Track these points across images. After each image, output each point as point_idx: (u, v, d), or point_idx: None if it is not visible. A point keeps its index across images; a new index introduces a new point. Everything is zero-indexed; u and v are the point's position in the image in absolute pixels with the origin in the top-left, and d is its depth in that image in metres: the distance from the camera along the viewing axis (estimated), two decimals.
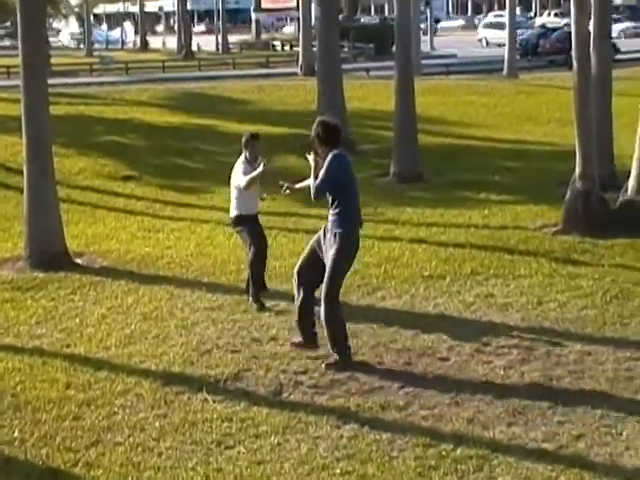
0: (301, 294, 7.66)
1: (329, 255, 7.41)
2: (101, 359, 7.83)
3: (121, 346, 8.11)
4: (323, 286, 7.40)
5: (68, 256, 11.05)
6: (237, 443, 6.23)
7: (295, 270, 7.73)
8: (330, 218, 7.46)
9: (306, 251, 7.76)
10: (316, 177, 7.50)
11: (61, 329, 8.66)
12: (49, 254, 10.85)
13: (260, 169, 9.00)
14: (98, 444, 6.26)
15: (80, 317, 8.98)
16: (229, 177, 9.43)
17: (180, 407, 6.80)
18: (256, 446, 6.18)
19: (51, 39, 59.07)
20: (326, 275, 7.37)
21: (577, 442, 6.12)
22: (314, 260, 7.57)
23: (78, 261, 11.06)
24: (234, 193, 9.34)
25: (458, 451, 6.00)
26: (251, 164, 9.21)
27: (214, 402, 6.85)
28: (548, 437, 6.19)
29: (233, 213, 9.41)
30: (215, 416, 6.61)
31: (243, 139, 9.44)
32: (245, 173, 9.14)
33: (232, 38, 61.04)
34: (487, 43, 55.14)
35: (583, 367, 7.36)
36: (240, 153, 9.44)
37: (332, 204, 7.46)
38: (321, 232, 7.62)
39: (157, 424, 6.53)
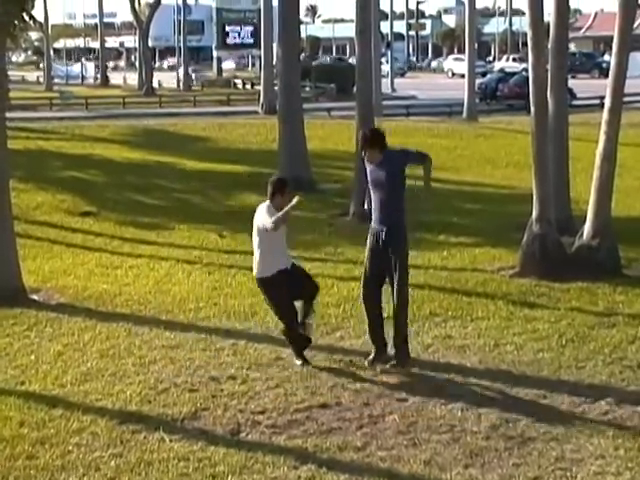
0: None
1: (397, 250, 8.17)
2: (56, 397, 7.76)
3: (77, 384, 8.04)
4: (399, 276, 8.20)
5: (24, 292, 10.96)
6: None
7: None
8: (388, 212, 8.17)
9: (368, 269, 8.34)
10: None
11: (15, 366, 8.57)
12: (5, 290, 10.75)
13: (295, 201, 8.07)
14: None
15: (35, 354, 8.90)
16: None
17: (136, 446, 6.76)
18: None
19: (10, 73, 58.83)
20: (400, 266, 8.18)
21: None
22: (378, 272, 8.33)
23: (35, 297, 10.97)
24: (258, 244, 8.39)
25: None
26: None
27: (171, 441, 6.81)
28: (504, 479, 6.24)
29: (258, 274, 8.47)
30: (172, 455, 6.58)
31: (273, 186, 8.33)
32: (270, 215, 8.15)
33: (194, 75, 61.26)
34: (453, 74, 58.62)
35: (539, 410, 7.44)
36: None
37: (392, 197, 8.15)
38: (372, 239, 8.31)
39: (113, 463, 6.48)
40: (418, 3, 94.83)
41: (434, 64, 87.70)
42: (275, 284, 8.32)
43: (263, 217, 8.19)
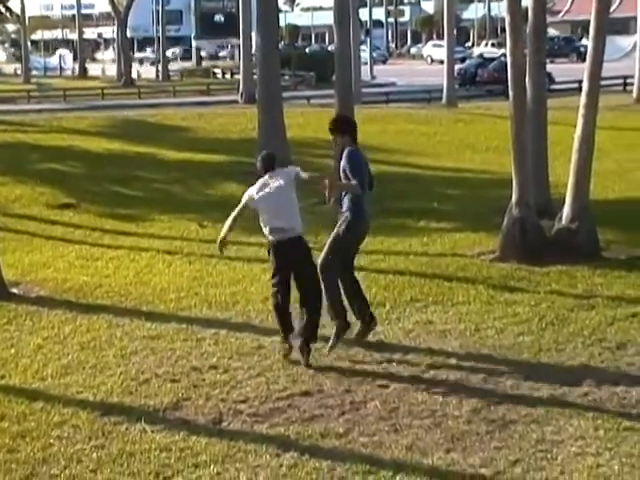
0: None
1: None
2: (37, 390, 7.72)
3: (57, 376, 8.01)
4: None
5: (4, 285, 10.89)
6: (176, 473, 6.20)
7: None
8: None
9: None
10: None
11: None
12: None
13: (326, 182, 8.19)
14: (33, 477, 6.17)
15: (15, 347, 8.85)
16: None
17: (118, 438, 6.74)
18: (195, 476, 6.15)
19: None
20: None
21: (514, 467, 6.20)
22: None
23: (14, 290, 10.90)
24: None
25: (397, 478, 6.04)
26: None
27: (153, 432, 6.80)
28: (485, 463, 6.27)
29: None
30: (154, 446, 6.57)
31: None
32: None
33: (173, 66, 61.00)
34: (432, 60, 59.78)
35: (520, 393, 7.47)
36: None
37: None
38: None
39: (94, 455, 6.46)
40: None
41: (413, 50, 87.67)
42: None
43: (292, 172, 8.24)
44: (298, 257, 8.13)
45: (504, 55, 17.48)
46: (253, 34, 29.46)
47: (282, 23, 74.97)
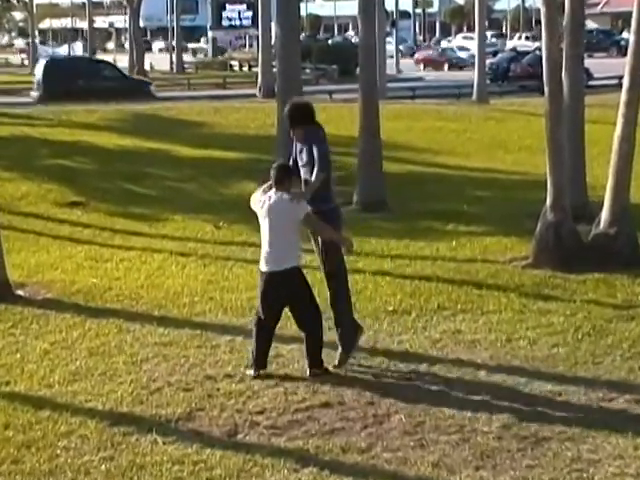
0: None
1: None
2: (43, 397, 7.76)
3: (65, 383, 8.05)
4: None
5: (9, 287, 10.96)
6: None
7: None
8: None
9: None
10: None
11: (0, 365, 8.58)
12: None
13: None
14: None
15: (21, 352, 8.90)
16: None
17: (128, 449, 6.76)
18: None
19: None
20: None
21: None
22: None
23: (20, 292, 10.97)
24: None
25: None
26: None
27: (164, 444, 6.82)
28: None
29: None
30: (165, 459, 6.59)
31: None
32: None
33: (188, 57, 61.23)
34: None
35: (554, 408, 7.44)
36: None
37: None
38: None
39: (103, 467, 6.49)
40: None
41: (443, 44, 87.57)
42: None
43: (293, 206, 7.91)
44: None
45: (539, 49, 17.41)
46: (273, 24, 29.55)
47: (303, 13, 75.02)
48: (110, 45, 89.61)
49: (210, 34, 69.54)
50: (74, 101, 30.49)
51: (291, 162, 8.41)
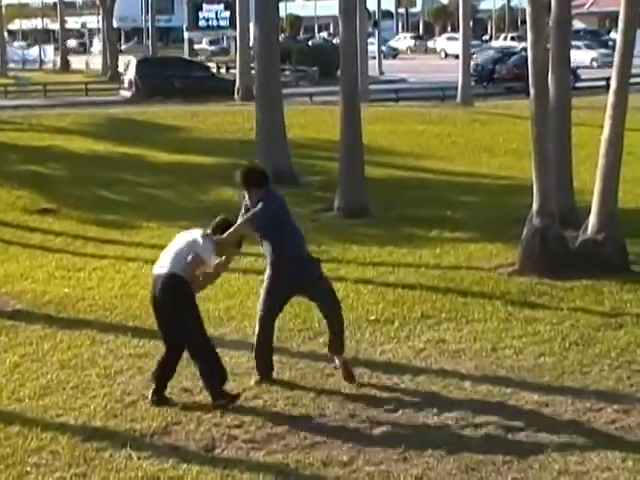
0: None
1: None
2: (13, 412, 7.74)
3: (35, 397, 8.03)
4: None
5: None
6: None
7: None
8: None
9: None
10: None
11: None
12: None
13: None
14: None
15: None
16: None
17: (101, 465, 6.75)
18: None
19: None
20: None
21: None
22: None
23: None
24: None
25: None
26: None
27: (139, 459, 6.81)
28: None
29: None
30: (140, 475, 6.58)
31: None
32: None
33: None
34: (446, 55, 60.94)
35: (540, 419, 7.47)
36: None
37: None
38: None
39: None
40: None
41: (430, 44, 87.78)
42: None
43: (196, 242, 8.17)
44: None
45: (524, 49, 17.50)
46: (251, 25, 29.55)
47: (283, 13, 75.07)
48: (72, 42, 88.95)
49: (186, 35, 69.42)
50: (169, 100, 32.83)
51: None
